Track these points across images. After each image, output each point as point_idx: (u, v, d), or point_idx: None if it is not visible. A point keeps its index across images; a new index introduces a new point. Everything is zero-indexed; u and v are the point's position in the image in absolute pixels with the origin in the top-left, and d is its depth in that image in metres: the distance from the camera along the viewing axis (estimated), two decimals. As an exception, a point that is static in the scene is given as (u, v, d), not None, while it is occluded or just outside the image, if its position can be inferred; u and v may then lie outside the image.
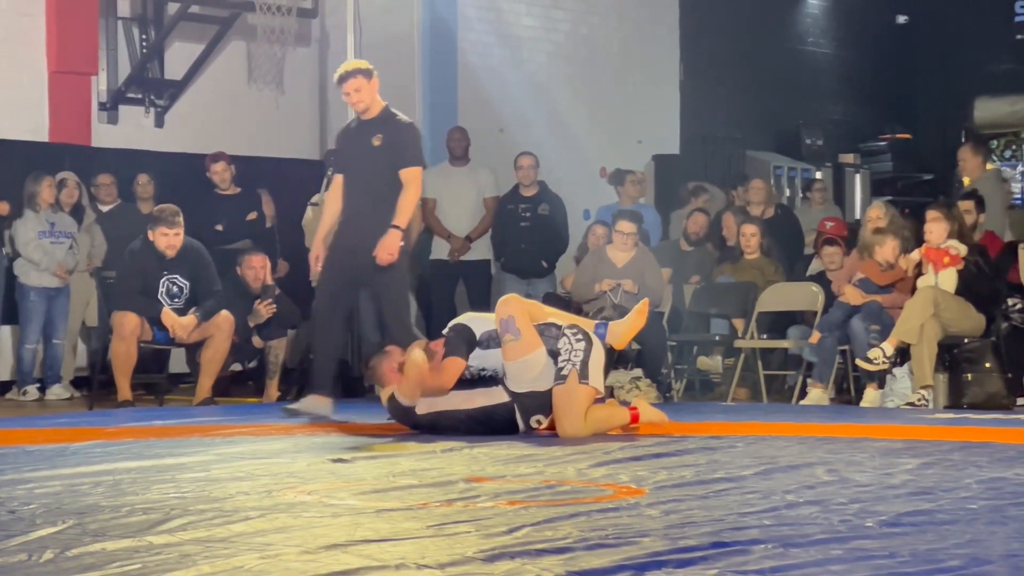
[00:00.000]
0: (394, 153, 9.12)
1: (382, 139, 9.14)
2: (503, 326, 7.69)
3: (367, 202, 9.14)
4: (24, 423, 9.46)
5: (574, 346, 7.75)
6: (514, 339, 7.69)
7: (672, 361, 12.29)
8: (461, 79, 15.68)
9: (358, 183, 9.20)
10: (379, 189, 9.13)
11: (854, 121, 21.02)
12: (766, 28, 19.83)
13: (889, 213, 11.38)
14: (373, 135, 9.18)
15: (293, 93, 14.17)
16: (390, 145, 9.13)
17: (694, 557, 3.82)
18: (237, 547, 4.05)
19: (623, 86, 17.33)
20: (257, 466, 6.34)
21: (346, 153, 9.41)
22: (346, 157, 9.40)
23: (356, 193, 9.20)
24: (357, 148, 9.22)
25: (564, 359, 7.73)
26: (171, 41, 13.78)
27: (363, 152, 9.17)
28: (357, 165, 9.22)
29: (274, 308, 11.75)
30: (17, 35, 12.96)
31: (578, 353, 7.73)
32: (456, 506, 4.92)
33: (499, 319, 7.74)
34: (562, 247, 13.62)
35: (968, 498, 5.05)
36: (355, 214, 9.17)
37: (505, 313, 7.74)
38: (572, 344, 7.76)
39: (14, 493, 5.37)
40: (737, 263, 12.62)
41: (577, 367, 7.72)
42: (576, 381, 7.70)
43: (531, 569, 3.65)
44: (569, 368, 7.71)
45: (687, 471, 5.97)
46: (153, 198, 12.68)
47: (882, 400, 10.67)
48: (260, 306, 11.69)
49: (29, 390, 12.20)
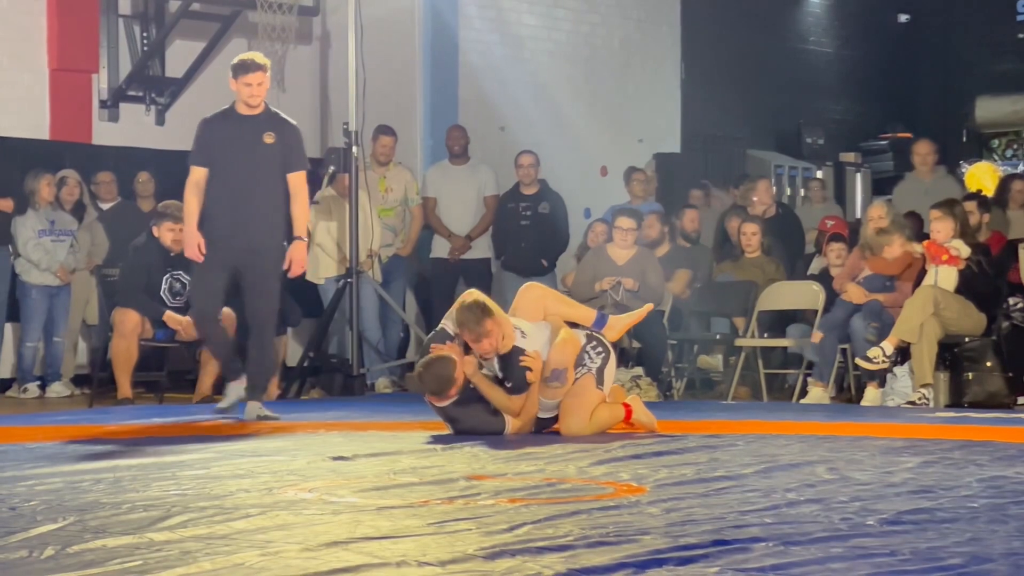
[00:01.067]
0: (285, 154, 9.14)
1: (275, 138, 9.12)
2: (554, 375, 7.76)
3: (253, 197, 9.06)
4: (25, 420, 9.46)
5: (593, 358, 7.97)
6: (560, 386, 7.79)
7: (673, 360, 12.29)
8: (462, 77, 15.67)
9: (244, 177, 9.06)
10: (268, 186, 9.10)
11: (855, 120, 21.02)
12: (767, 27, 19.83)
13: (891, 212, 11.38)
14: (263, 132, 9.11)
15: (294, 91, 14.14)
16: (282, 145, 9.13)
17: (695, 555, 3.82)
18: (238, 544, 4.05)
19: (624, 85, 17.33)
20: (258, 463, 6.34)
21: (229, 146, 9.12)
22: (229, 150, 9.12)
23: (240, 187, 9.06)
24: (244, 142, 9.09)
25: (580, 366, 7.92)
26: (172, 39, 13.76)
27: (251, 147, 9.08)
28: (243, 159, 9.07)
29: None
30: (18, 33, 12.95)
31: (595, 360, 7.96)
32: (457, 504, 4.92)
33: (552, 368, 7.75)
34: (562, 246, 13.62)
35: (969, 496, 5.06)
36: (237, 206, 9.04)
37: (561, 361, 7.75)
38: (592, 356, 7.97)
39: (15, 490, 5.37)
40: (738, 262, 12.62)
41: (593, 372, 7.93)
42: (592, 384, 7.91)
43: (532, 567, 3.64)
44: (584, 372, 7.90)
45: (688, 469, 5.98)
46: (154, 196, 12.67)
47: (883, 399, 10.67)
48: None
49: (30, 388, 12.20)
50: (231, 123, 9.17)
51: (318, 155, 14.24)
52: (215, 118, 9.29)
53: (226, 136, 9.15)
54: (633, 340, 11.52)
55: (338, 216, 12.27)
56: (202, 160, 9.15)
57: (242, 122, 9.14)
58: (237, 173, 9.09)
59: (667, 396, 11.65)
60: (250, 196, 9.08)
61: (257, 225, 9.08)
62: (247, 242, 9.06)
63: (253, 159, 9.09)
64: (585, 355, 7.93)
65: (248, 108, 9.12)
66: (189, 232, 9.09)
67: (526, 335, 7.77)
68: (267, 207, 9.12)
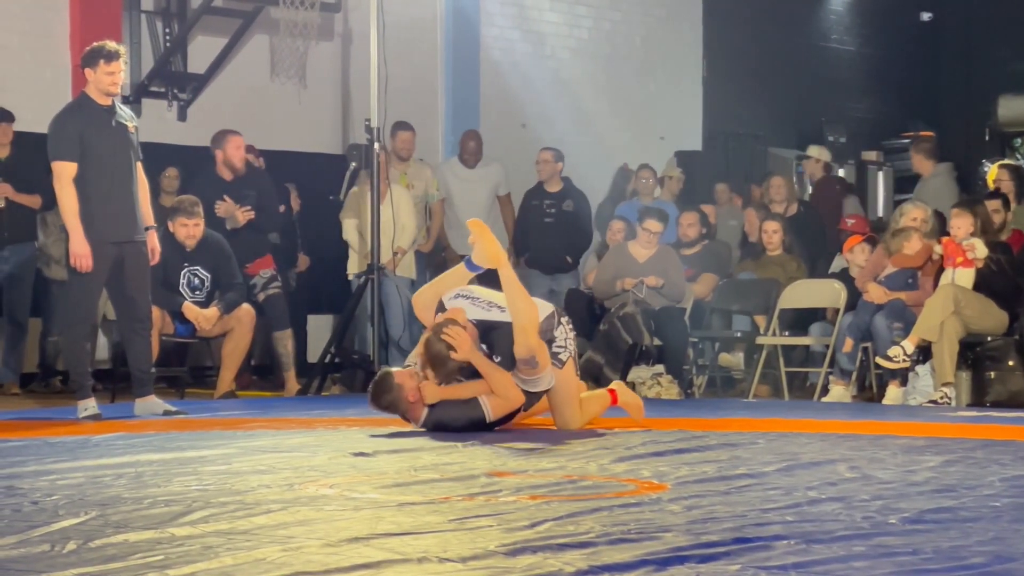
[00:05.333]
0: (137, 143, 9.14)
1: (135, 127, 9.12)
2: (527, 361, 7.61)
3: (129, 189, 9.02)
4: (47, 415, 9.49)
5: (569, 335, 7.92)
6: (534, 368, 7.68)
7: (694, 357, 12.28)
8: (484, 74, 15.68)
9: (119, 168, 8.99)
10: (133, 176, 9.06)
11: (877, 118, 20.97)
12: (790, 25, 19.80)
13: (932, 219, 11.28)
14: (124, 121, 9.06)
15: (316, 87, 14.18)
16: (135, 133, 9.13)
17: (716, 552, 3.81)
18: (259, 539, 4.06)
19: (646, 82, 17.32)
20: (279, 459, 6.35)
21: (100, 138, 8.96)
22: (103, 142, 8.96)
23: (118, 180, 8.98)
24: (114, 134, 8.99)
25: (560, 346, 7.84)
26: (194, 35, 13.79)
27: (121, 138, 9.02)
28: (117, 150, 9.00)
29: (252, 214, 11.62)
30: (41, 28, 12.98)
31: (572, 342, 7.92)
32: (478, 500, 4.92)
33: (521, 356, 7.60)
34: (586, 243, 13.63)
35: (991, 496, 5.04)
36: (117, 200, 8.98)
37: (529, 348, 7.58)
38: (568, 334, 7.91)
39: (37, 484, 5.39)
40: (759, 260, 12.60)
41: (574, 357, 7.93)
42: (573, 372, 7.93)
43: (553, 563, 3.64)
44: (567, 356, 7.85)
45: (709, 467, 5.96)
46: (177, 192, 12.69)
47: (904, 398, 10.65)
48: (238, 211, 11.58)
49: (52, 382, 12.25)
50: (96, 114, 9.01)
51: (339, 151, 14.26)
52: (74, 110, 9.12)
53: (96, 127, 8.98)
54: (655, 337, 11.51)
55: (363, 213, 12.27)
56: (71, 154, 8.91)
57: (105, 113, 9.02)
58: (111, 165, 8.98)
59: (688, 394, 11.64)
60: (127, 188, 9.01)
61: (134, 217, 9.04)
62: (128, 235, 9.01)
63: (123, 149, 9.02)
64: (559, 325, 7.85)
65: (106, 98, 9.01)
66: (79, 240, 8.84)
67: (504, 309, 7.75)
68: (135, 198, 9.07)
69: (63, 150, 8.91)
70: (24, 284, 12.11)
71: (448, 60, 15.51)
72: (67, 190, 8.88)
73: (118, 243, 8.99)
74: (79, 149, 8.90)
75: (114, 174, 8.98)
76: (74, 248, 8.85)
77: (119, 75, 8.98)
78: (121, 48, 9.08)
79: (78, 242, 8.83)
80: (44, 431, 8.08)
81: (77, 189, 8.88)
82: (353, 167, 12.27)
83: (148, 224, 9.17)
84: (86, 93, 9.06)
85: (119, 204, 8.99)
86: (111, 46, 9.01)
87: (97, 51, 8.96)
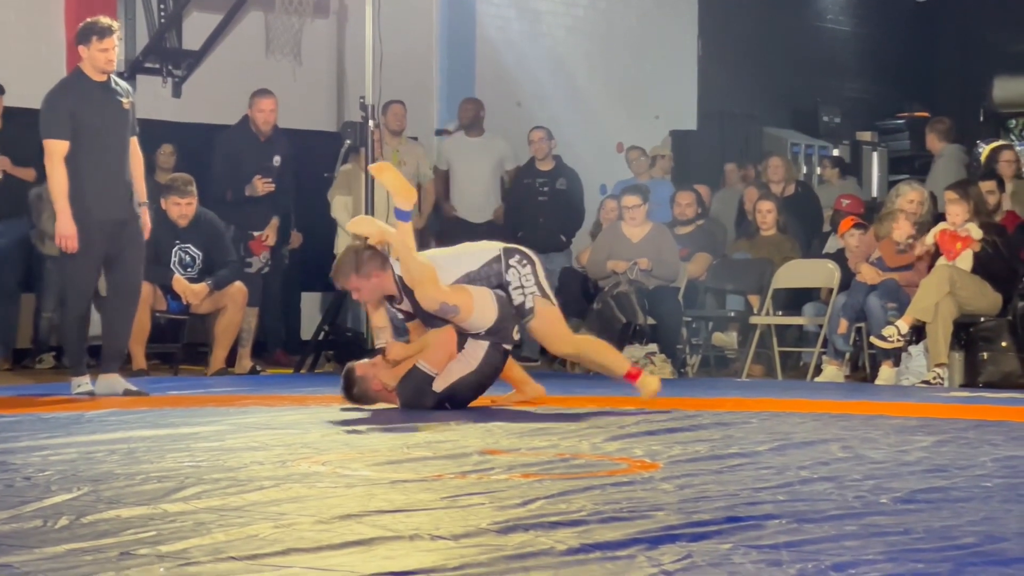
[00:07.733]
0: (132, 119, 9.09)
1: (131, 103, 9.07)
2: (443, 310, 7.66)
3: (123, 166, 8.98)
4: (40, 390, 9.49)
5: (521, 271, 7.92)
6: (456, 314, 7.69)
7: (687, 337, 12.29)
8: (479, 52, 15.64)
9: (114, 146, 8.94)
10: (127, 153, 9.01)
11: (872, 99, 20.95)
12: (785, 4, 19.78)
13: (928, 202, 11.27)
14: (119, 97, 9.01)
15: (311, 64, 14.13)
16: (131, 108, 9.08)
17: (708, 531, 3.82)
18: (251, 516, 4.06)
19: (641, 61, 17.28)
20: (271, 436, 6.35)
21: (97, 116, 8.90)
22: (96, 118, 8.89)
23: (112, 157, 8.93)
24: (108, 111, 8.94)
25: (516, 287, 7.88)
26: (189, 11, 13.74)
27: (115, 114, 8.96)
28: (111, 127, 8.94)
29: (272, 186, 11.70)
30: (35, 4, 12.94)
31: (529, 278, 7.92)
32: (470, 478, 4.93)
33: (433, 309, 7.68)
34: (579, 222, 13.64)
35: (983, 476, 5.05)
36: (112, 178, 8.93)
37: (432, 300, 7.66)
38: (520, 271, 7.92)
39: (30, 460, 5.39)
40: (753, 239, 12.60)
41: (538, 293, 7.93)
42: (546, 307, 7.95)
43: (545, 541, 3.65)
44: (531, 298, 7.88)
45: (701, 446, 5.98)
46: (173, 169, 12.67)
47: (897, 378, 10.66)
48: (258, 181, 11.66)
49: (45, 358, 12.24)
50: (89, 90, 8.94)
51: (334, 129, 14.24)
52: (66, 87, 9.07)
53: (91, 104, 8.92)
54: (648, 316, 11.51)
55: (356, 190, 12.25)
56: (63, 132, 8.84)
57: (99, 89, 8.96)
58: (104, 142, 8.93)
59: (681, 373, 11.65)
60: (121, 165, 8.97)
61: (129, 194, 9.01)
62: (121, 213, 8.98)
63: (117, 126, 8.97)
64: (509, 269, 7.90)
65: (101, 74, 8.95)
66: (66, 222, 8.77)
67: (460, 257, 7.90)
68: (129, 175, 9.03)
69: (54, 128, 8.84)
70: (16, 259, 12.09)
71: (443, 37, 15.47)
72: (58, 169, 8.82)
73: (112, 220, 8.97)
74: (71, 126, 8.84)
75: (107, 150, 8.93)
76: (60, 229, 8.80)
77: (113, 51, 8.92)
78: (115, 24, 9.04)
79: (65, 223, 8.77)
80: (37, 407, 8.08)
81: (70, 166, 8.82)
82: (348, 145, 12.25)
83: (141, 201, 9.15)
84: (80, 69, 9.02)
85: (113, 181, 8.95)
86: (104, 22, 8.96)
87: (90, 27, 8.91)
